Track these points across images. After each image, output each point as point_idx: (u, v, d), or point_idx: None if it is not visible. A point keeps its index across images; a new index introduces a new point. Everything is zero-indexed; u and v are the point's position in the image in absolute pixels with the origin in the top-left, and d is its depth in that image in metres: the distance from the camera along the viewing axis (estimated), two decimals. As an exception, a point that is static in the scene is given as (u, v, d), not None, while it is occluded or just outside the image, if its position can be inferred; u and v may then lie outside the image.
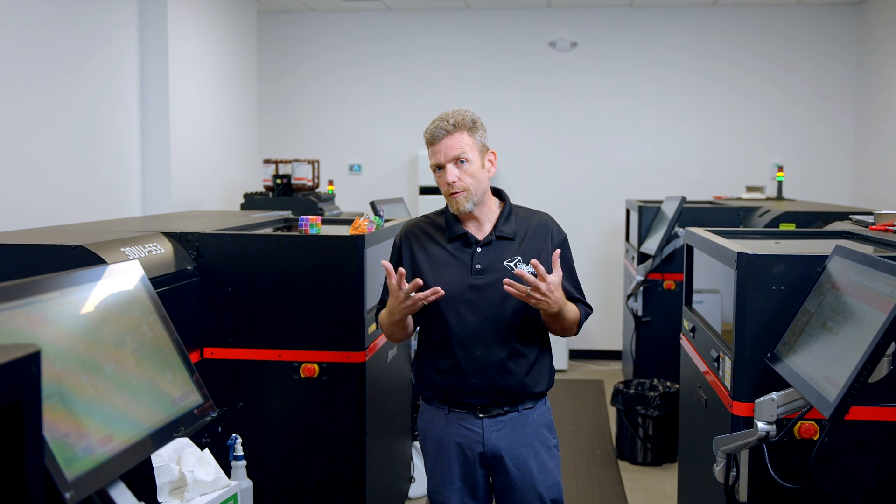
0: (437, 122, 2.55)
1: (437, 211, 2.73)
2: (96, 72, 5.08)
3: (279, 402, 3.17)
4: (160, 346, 1.78)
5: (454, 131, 2.52)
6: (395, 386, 3.91)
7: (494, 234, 2.58)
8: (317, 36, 7.87)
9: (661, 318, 5.47)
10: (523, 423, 2.57)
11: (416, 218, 2.79)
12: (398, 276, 2.41)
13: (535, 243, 2.58)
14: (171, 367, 1.78)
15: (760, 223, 4.94)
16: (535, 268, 2.33)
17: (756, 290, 2.45)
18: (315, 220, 3.18)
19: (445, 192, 2.55)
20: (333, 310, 3.13)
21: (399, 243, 2.70)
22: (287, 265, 3.14)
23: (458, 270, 2.55)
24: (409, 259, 2.64)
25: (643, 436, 5.10)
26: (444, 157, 2.51)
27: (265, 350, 3.16)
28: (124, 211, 5.44)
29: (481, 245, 2.57)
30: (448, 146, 2.51)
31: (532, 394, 2.57)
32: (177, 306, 2.95)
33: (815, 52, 7.56)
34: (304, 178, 5.69)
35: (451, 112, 2.58)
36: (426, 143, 2.58)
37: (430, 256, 2.60)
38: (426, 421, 2.68)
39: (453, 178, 2.50)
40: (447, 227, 2.63)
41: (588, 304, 2.64)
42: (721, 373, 2.66)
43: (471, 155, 2.52)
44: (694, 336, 3.20)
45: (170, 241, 3.10)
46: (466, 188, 2.52)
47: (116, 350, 1.63)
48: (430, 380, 2.61)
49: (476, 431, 2.55)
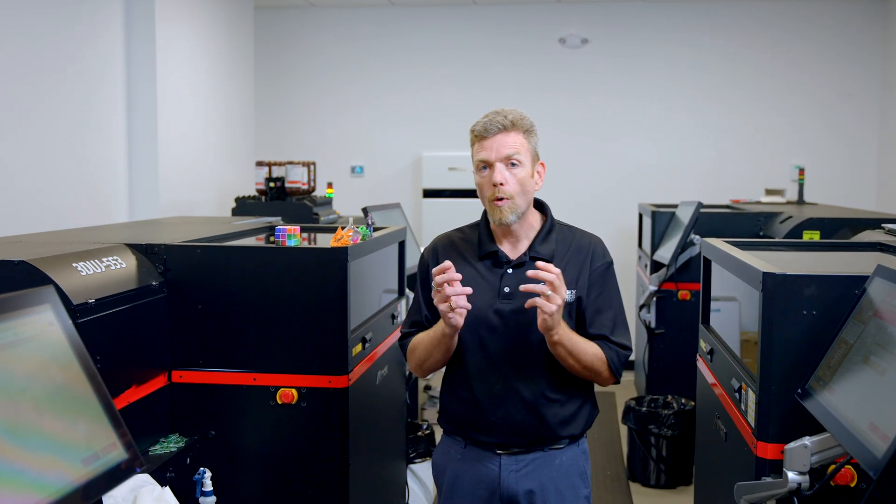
0: (493, 115, 2.25)
1: (472, 224, 2.45)
2: (80, 71, 4.84)
3: (254, 431, 2.89)
4: (75, 393, 1.49)
5: (511, 129, 2.23)
6: (387, 408, 3.62)
7: (529, 255, 2.29)
8: (317, 32, 7.64)
9: (676, 330, 5.16)
10: (548, 465, 2.28)
11: (448, 231, 2.50)
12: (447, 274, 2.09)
13: (573, 267, 2.28)
14: (87, 416, 1.50)
15: (782, 230, 4.63)
16: (540, 269, 2.04)
17: (784, 314, 2.14)
18: (293, 230, 2.89)
19: (489, 197, 2.25)
20: (314, 330, 2.84)
21: (427, 259, 2.42)
22: (263, 280, 2.85)
23: (483, 292, 2.26)
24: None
25: (656, 456, 4.80)
26: (494, 155, 2.22)
27: (239, 373, 2.88)
28: (111, 216, 5.20)
29: (513, 266, 2.28)
30: (501, 143, 2.22)
31: (560, 437, 2.28)
32: (140, 326, 2.69)
33: (837, 47, 7.25)
34: (299, 181, 5.42)
35: (507, 109, 2.27)
36: (474, 138, 2.28)
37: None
38: (442, 454, 2.42)
39: (501, 178, 2.20)
40: (479, 242, 2.34)
41: (624, 344, 2.29)
42: (743, 406, 2.35)
43: (524, 158, 2.24)
44: (712, 359, 2.89)
45: (133, 254, 2.83)
46: (512, 196, 2.22)
47: (12, 398, 1.34)
48: (448, 410, 2.37)
49: (493, 470, 2.28)
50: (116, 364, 2.51)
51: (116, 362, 2.51)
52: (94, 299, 2.38)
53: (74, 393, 1.50)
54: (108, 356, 2.44)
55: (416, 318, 2.43)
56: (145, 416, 2.71)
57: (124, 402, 2.54)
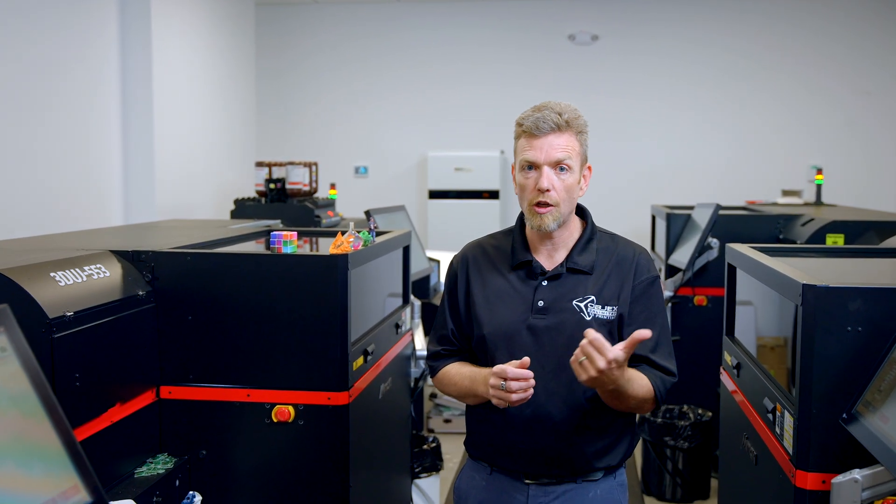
0: (546, 111, 2.02)
1: (506, 230, 2.24)
2: (74, 70, 4.70)
3: (247, 451, 2.70)
4: (30, 432, 1.30)
5: (564, 129, 2.01)
6: (390, 423, 3.43)
7: (566, 266, 2.08)
8: (320, 30, 7.51)
9: (692, 337, 4.95)
10: (581, 498, 2.07)
11: (479, 238, 2.28)
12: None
13: (615, 281, 2.07)
14: (45, 458, 1.31)
15: (804, 234, 4.42)
16: (592, 343, 1.80)
17: (827, 331, 1.94)
18: (290, 235, 2.69)
19: (529, 202, 2.03)
20: (312, 343, 2.65)
21: (455, 269, 2.22)
22: (257, 289, 2.67)
23: (515, 306, 2.07)
24: (463, 290, 2.17)
25: (672, 469, 4.60)
26: (544, 157, 2.00)
27: (232, 389, 2.69)
28: (106, 219, 5.05)
29: (548, 278, 2.08)
30: (553, 145, 2.00)
31: (595, 468, 2.08)
32: (125, 339, 2.51)
33: (854, 43, 7.10)
34: (300, 183, 5.24)
35: (562, 104, 2.04)
36: (520, 133, 2.05)
37: (488, 287, 2.13)
38: (466, 480, 2.22)
39: (548, 184, 1.99)
40: (512, 251, 2.14)
41: (668, 368, 2.09)
42: (779, 430, 2.15)
43: (574, 163, 2.02)
44: (739, 374, 2.69)
45: (119, 262, 2.64)
46: (558, 203, 2.01)
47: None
48: (474, 434, 2.17)
49: (519, 500, 2.08)
50: (99, 380, 2.33)
51: (99, 378, 2.33)
52: (72, 312, 2.20)
53: (30, 432, 1.31)
54: (89, 372, 2.27)
55: (442, 331, 2.24)
56: (131, 436, 2.54)
57: (107, 420, 2.37)
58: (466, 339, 2.20)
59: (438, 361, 2.25)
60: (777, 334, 2.61)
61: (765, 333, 2.73)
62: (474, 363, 2.19)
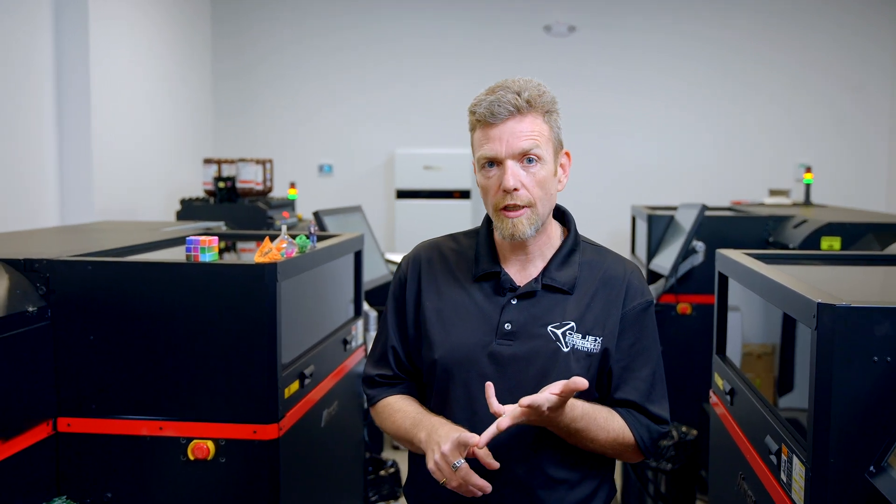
0: (501, 91, 1.64)
1: (469, 231, 1.83)
2: (2, 59, 4.27)
3: (160, 494, 2.33)
4: None
5: (526, 111, 1.63)
6: (338, 452, 3.06)
7: (542, 281, 1.69)
8: (282, 21, 7.21)
9: (675, 347, 4.59)
10: None
11: (435, 238, 1.86)
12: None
13: (600, 305, 1.68)
14: None
15: (797, 237, 4.09)
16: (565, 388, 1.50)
17: (848, 361, 1.58)
18: (209, 241, 2.30)
19: (495, 205, 1.65)
20: (234, 368, 2.29)
21: (404, 273, 1.80)
22: (171, 305, 2.29)
23: (476, 327, 1.68)
24: (413, 300, 1.76)
25: (654, 493, 4.26)
26: (505, 149, 1.62)
27: (141, 421, 2.33)
28: (39, 221, 4.65)
29: (518, 296, 1.68)
30: (514, 132, 1.62)
31: None
32: (13, 363, 2.14)
33: (845, 38, 6.93)
34: (252, 181, 4.88)
35: (520, 81, 1.65)
36: (474, 123, 1.67)
37: (443, 299, 1.73)
38: None
39: (515, 182, 1.61)
40: (476, 258, 1.74)
41: (660, 416, 1.72)
42: (785, 477, 1.78)
43: (544, 152, 1.64)
44: (732, 402, 2.33)
45: (6, 272, 2.25)
46: (532, 203, 1.63)
47: None
48: (417, 482, 1.76)
49: None
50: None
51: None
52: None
53: None
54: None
55: (382, 350, 1.82)
56: (22, 476, 2.19)
57: (-9, 459, 1.99)
58: (411, 361, 1.80)
59: (375, 389, 1.85)
60: (764, 341, 2.34)
61: (751, 340, 2.44)
62: (420, 395, 1.80)
